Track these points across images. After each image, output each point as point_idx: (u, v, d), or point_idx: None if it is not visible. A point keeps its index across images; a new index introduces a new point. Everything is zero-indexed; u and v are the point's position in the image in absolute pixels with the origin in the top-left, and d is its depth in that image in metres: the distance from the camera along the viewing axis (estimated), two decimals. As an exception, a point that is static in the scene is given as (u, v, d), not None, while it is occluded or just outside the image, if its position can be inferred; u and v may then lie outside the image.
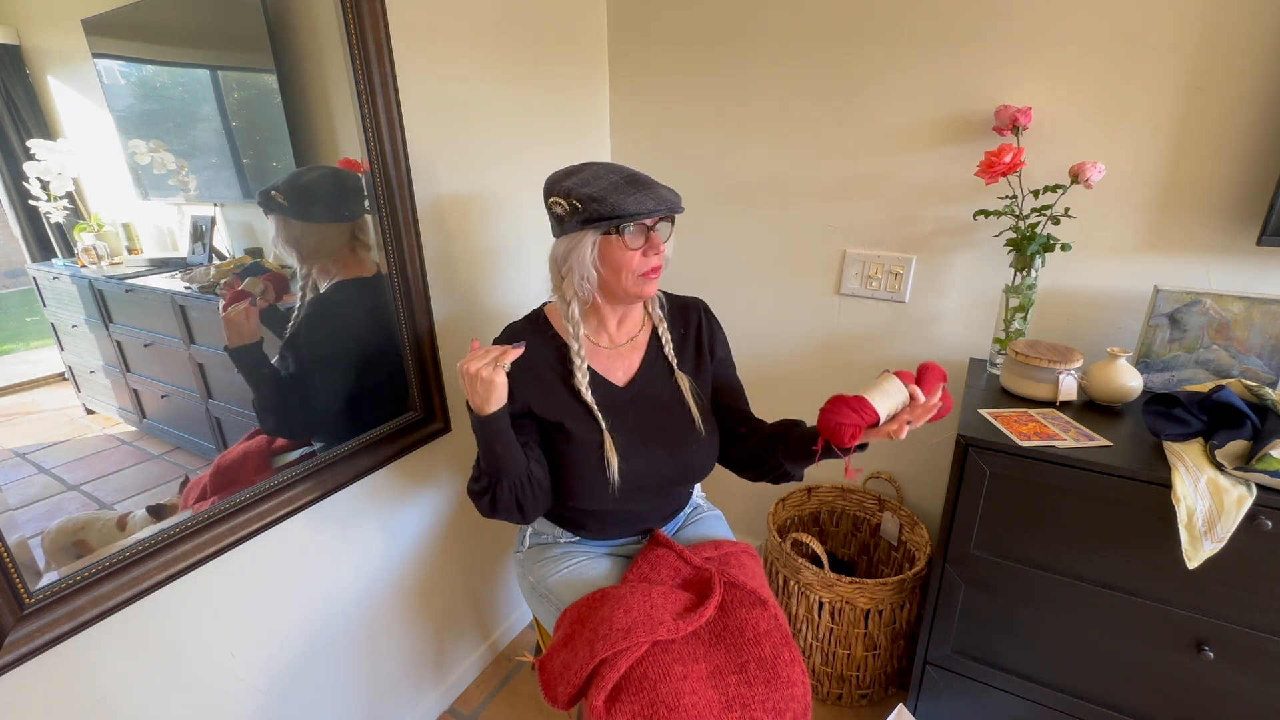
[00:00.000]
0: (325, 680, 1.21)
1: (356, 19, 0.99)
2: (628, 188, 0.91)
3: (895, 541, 1.61)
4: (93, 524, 0.83)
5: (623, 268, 0.95)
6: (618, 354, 1.08)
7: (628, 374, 1.08)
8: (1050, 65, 1.21)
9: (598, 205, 0.90)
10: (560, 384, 1.03)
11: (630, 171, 0.95)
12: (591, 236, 0.94)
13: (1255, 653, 1.00)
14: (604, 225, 0.92)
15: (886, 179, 1.42)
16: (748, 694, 0.88)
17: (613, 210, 0.90)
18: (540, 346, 1.03)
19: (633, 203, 0.90)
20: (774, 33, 1.44)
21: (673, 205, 0.93)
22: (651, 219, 0.94)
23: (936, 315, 1.46)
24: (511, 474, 0.95)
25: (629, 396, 1.06)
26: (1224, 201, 1.15)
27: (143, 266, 0.86)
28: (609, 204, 0.90)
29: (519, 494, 0.97)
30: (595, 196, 0.90)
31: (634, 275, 0.96)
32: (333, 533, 1.16)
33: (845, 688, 1.49)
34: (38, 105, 0.74)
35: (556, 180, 0.96)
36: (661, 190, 0.93)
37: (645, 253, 0.95)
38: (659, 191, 0.93)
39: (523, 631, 1.76)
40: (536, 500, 0.99)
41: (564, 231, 0.96)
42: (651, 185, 0.93)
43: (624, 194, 0.91)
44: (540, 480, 1.00)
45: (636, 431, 1.04)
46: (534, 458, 1.00)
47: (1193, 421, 1.02)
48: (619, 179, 0.93)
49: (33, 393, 0.78)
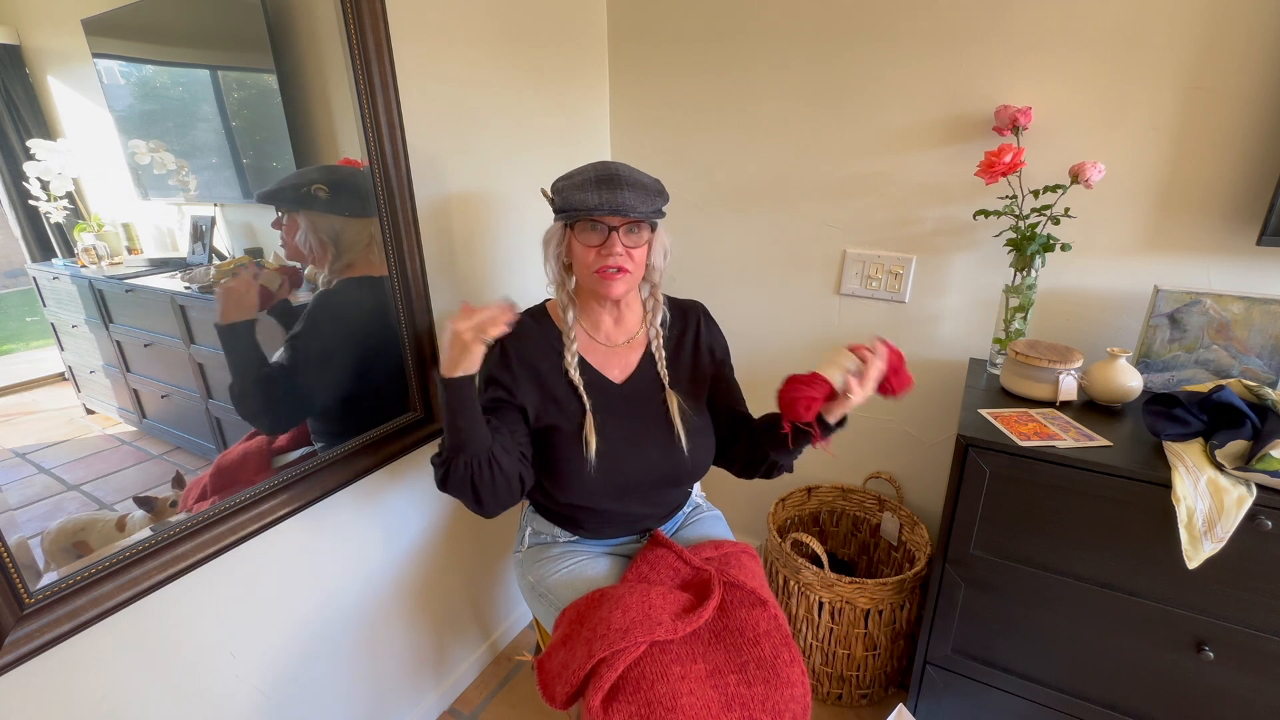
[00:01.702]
0: (325, 680, 1.21)
1: (356, 19, 0.99)
2: (594, 185, 0.93)
3: (895, 541, 1.60)
4: (93, 524, 0.83)
5: (578, 263, 0.99)
6: (614, 352, 1.09)
7: (625, 372, 1.09)
8: (1050, 65, 1.21)
9: (561, 198, 0.96)
10: (554, 373, 1.05)
11: (616, 171, 0.95)
12: (558, 229, 1.00)
13: (1255, 653, 1.00)
14: (564, 217, 0.97)
15: (886, 179, 1.42)
16: (747, 694, 0.89)
17: (567, 203, 0.95)
18: (538, 337, 1.06)
19: (587, 199, 0.93)
20: (774, 33, 1.44)
21: (623, 207, 0.92)
22: (618, 219, 0.95)
23: (936, 315, 1.46)
24: (470, 450, 0.91)
25: (624, 394, 1.07)
26: (1224, 201, 1.15)
27: (143, 266, 0.86)
28: (567, 198, 0.95)
29: (475, 474, 0.93)
30: (561, 190, 0.96)
31: (588, 271, 0.99)
32: (333, 533, 1.16)
33: (845, 688, 1.49)
34: (38, 105, 0.74)
35: (560, 177, 1.00)
36: (626, 193, 0.92)
37: (599, 251, 0.96)
38: (622, 194, 0.92)
39: (523, 631, 1.76)
40: (495, 488, 0.95)
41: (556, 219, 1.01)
42: (619, 185, 0.93)
43: (585, 190, 0.93)
44: (504, 468, 0.95)
45: (630, 429, 1.05)
46: (502, 445, 0.96)
47: (1193, 421, 1.02)
48: (593, 176, 0.95)
49: (33, 393, 0.78)
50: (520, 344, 1.04)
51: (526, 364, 1.04)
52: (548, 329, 1.07)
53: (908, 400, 1.55)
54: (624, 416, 1.05)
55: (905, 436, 1.60)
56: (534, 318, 1.08)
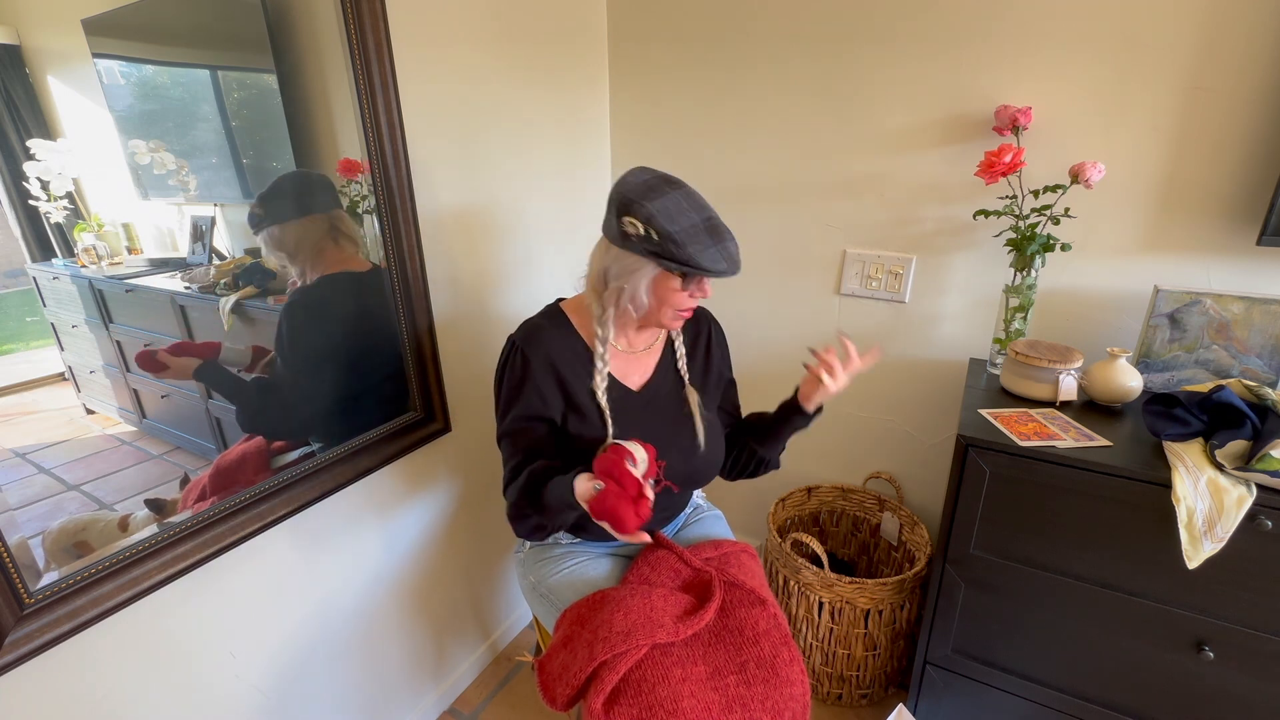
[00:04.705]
0: (325, 680, 1.21)
1: (356, 19, 0.99)
2: (706, 237, 0.89)
3: (895, 541, 1.60)
4: (94, 524, 0.83)
5: (667, 303, 0.96)
6: (635, 358, 1.09)
7: (643, 378, 1.08)
8: (1050, 65, 1.21)
9: (674, 248, 0.88)
10: (577, 383, 1.01)
11: (710, 214, 0.92)
12: (652, 268, 0.92)
13: (1255, 653, 1.00)
14: (672, 266, 0.90)
15: (886, 179, 1.42)
16: (747, 694, 0.89)
17: (688, 259, 0.88)
18: (559, 343, 1.02)
19: (708, 258, 0.88)
20: (774, 32, 1.44)
21: (739, 267, 0.92)
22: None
23: (936, 315, 1.46)
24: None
25: (643, 401, 1.07)
26: (1224, 201, 1.15)
27: (143, 266, 0.86)
28: (686, 252, 0.88)
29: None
30: (674, 238, 0.87)
31: (674, 311, 0.97)
32: (333, 533, 1.16)
33: (845, 688, 1.49)
34: (38, 105, 0.74)
35: (635, 197, 0.89)
36: (732, 246, 0.91)
37: (692, 294, 0.96)
38: (730, 248, 0.91)
39: (523, 631, 1.76)
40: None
41: (625, 248, 0.92)
42: (725, 237, 0.91)
43: (702, 244, 0.88)
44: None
45: (648, 436, 1.03)
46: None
47: (1193, 421, 1.02)
48: (700, 223, 0.89)
49: (33, 393, 0.78)
50: (544, 353, 1.00)
51: (552, 374, 1.00)
52: (568, 334, 1.03)
53: (908, 400, 1.56)
54: (642, 424, 1.04)
55: (905, 436, 1.60)
56: (551, 321, 1.04)
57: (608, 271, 0.96)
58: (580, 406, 1.01)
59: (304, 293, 1.03)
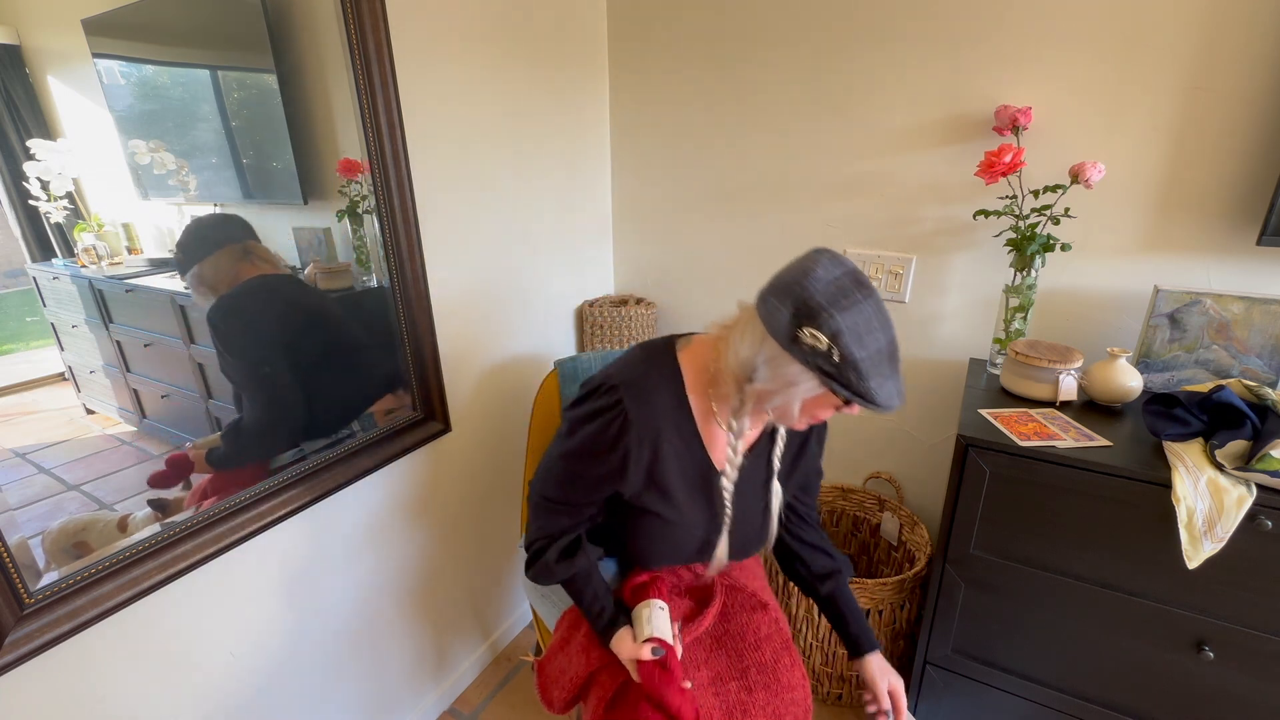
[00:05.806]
0: (325, 680, 1.21)
1: (356, 19, 0.99)
2: (888, 366, 0.76)
3: (895, 541, 1.60)
4: (94, 525, 0.83)
5: (808, 413, 0.82)
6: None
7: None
8: (1050, 65, 1.21)
9: (853, 376, 0.73)
10: (670, 460, 0.86)
11: (893, 333, 0.77)
12: (816, 386, 0.77)
13: (1255, 653, 1.00)
14: (841, 391, 0.74)
15: (886, 179, 1.42)
16: (748, 700, 0.88)
17: (865, 393, 0.73)
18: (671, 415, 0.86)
19: (884, 393, 0.75)
20: (774, 33, 1.44)
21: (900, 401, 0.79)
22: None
23: (936, 315, 1.46)
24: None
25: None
26: (1224, 201, 1.15)
27: (143, 266, 0.86)
28: (866, 385, 0.73)
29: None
30: (858, 367, 0.73)
31: (806, 416, 0.83)
32: (333, 533, 1.16)
33: (845, 688, 1.49)
34: (38, 105, 0.74)
35: (823, 303, 0.73)
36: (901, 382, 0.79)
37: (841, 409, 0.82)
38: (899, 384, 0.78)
39: (523, 631, 1.76)
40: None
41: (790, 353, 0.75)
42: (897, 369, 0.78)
43: (883, 376, 0.75)
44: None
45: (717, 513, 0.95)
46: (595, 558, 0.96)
47: (1193, 421, 1.02)
48: (885, 347, 0.75)
49: (33, 393, 0.78)
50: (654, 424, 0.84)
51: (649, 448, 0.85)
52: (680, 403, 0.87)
53: (908, 400, 1.55)
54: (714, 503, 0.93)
55: (905, 436, 1.60)
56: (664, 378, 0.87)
57: (758, 370, 0.79)
58: (665, 488, 0.87)
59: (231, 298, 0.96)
